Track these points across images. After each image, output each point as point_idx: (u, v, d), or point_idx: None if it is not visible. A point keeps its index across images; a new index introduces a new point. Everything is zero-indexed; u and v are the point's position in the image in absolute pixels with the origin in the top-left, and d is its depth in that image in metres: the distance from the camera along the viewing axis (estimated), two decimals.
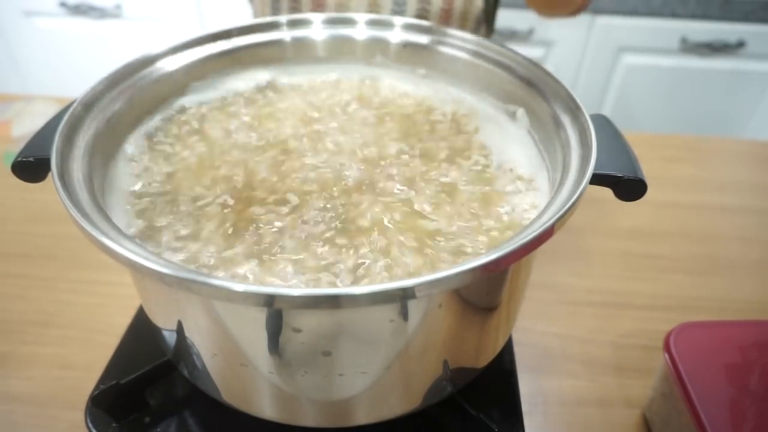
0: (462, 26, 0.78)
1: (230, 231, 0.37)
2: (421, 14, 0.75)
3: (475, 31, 0.80)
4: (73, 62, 1.55)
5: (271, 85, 0.52)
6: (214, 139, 0.46)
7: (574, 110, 0.40)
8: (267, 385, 0.36)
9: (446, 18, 0.76)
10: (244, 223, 0.37)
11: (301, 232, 0.36)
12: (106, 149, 0.40)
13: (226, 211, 0.38)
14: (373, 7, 0.75)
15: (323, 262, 0.34)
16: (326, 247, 0.35)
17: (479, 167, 0.43)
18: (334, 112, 0.49)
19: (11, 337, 0.54)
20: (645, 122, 1.55)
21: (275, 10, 0.78)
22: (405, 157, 0.44)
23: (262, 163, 0.43)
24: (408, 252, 0.35)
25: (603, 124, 0.41)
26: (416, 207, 0.39)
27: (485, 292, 0.36)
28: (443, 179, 0.42)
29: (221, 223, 0.37)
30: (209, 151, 0.44)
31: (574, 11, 0.73)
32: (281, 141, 0.45)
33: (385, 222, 0.37)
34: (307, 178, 0.41)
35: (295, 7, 0.77)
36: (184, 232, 0.37)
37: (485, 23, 0.83)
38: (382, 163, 0.43)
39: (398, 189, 0.41)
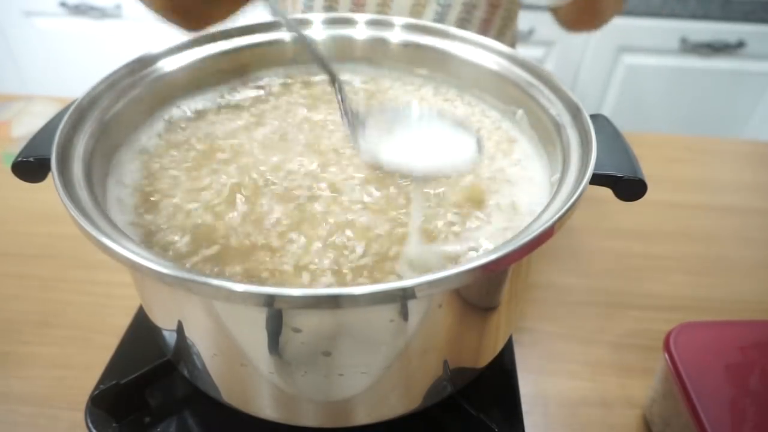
0: (503, 29, 0.78)
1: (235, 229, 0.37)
2: (468, 9, 0.74)
3: (509, 32, 0.80)
4: (73, 62, 1.55)
5: (270, 86, 0.52)
6: (215, 139, 0.45)
7: (574, 110, 0.40)
8: (267, 385, 0.36)
9: (492, 12, 0.75)
10: (255, 217, 0.37)
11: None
12: (106, 149, 0.40)
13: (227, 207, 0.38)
14: (416, 7, 0.74)
15: None
16: None
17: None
18: (334, 113, 0.49)
19: (11, 336, 0.54)
20: (645, 122, 1.55)
21: (309, 9, 0.78)
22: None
23: (267, 163, 0.43)
24: None
25: (603, 124, 0.41)
26: None
27: (485, 292, 0.36)
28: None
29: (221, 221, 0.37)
30: (209, 151, 0.44)
31: (600, 24, 0.74)
32: (282, 140, 0.45)
33: None
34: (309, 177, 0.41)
35: (331, 6, 0.77)
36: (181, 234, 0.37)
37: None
38: None
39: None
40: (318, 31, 0.52)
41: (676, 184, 0.78)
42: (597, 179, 0.35)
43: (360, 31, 0.52)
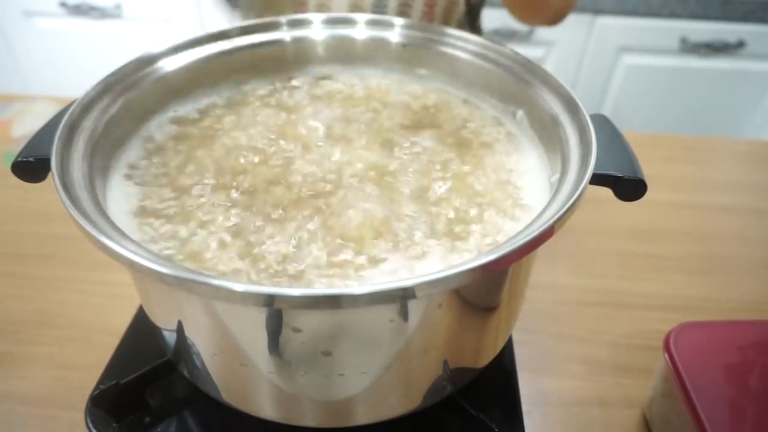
0: (447, 17, 0.78)
1: (231, 231, 0.37)
2: (402, 15, 0.75)
3: (454, 19, 0.80)
4: (73, 62, 1.55)
5: (271, 86, 0.52)
6: (215, 138, 0.45)
7: (573, 110, 0.40)
8: (267, 385, 0.36)
9: (427, 19, 0.76)
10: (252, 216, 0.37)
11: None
12: (106, 149, 0.40)
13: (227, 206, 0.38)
14: (353, 9, 0.75)
15: None
16: None
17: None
18: (336, 115, 0.49)
19: (11, 336, 0.54)
20: (645, 122, 1.55)
21: None
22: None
23: (268, 164, 0.43)
24: None
25: (603, 124, 0.41)
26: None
27: (485, 292, 0.36)
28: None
29: (221, 222, 0.37)
30: (210, 152, 0.44)
31: (553, 20, 0.73)
32: (283, 140, 0.45)
33: None
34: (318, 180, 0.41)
35: None
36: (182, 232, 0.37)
37: (468, 24, 0.83)
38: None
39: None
40: (318, 31, 0.52)
41: (675, 184, 0.78)
42: (597, 179, 0.35)
43: (360, 31, 0.52)
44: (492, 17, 1.05)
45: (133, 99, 0.44)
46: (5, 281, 0.60)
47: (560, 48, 1.44)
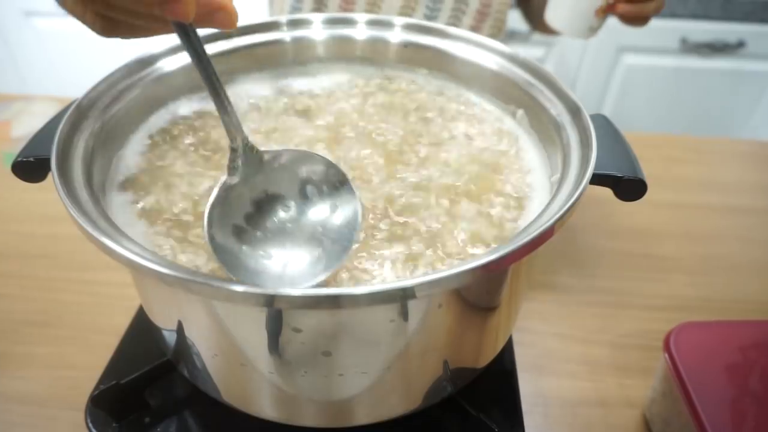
0: (495, 28, 0.79)
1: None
2: (456, 14, 0.75)
3: (502, 32, 0.81)
4: (73, 62, 1.55)
5: (271, 86, 0.52)
6: (215, 138, 0.46)
7: (574, 110, 0.40)
8: (267, 385, 0.36)
9: (481, 19, 0.76)
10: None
11: None
12: (106, 149, 0.40)
13: None
14: (405, 9, 0.75)
15: None
16: None
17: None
18: (336, 114, 0.49)
19: (11, 337, 0.54)
20: (645, 122, 1.55)
21: (297, 11, 0.78)
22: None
23: None
24: None
25: (603, 124, 0.41)
26: None
27: (485, 292, 0.36)
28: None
29: None
30: (209, 152, 0.44)
31: None
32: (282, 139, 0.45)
33: None
34: None
35: (320, 9, 0.77)
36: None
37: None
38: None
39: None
40: (318, 31, 0.52)
41: (676, 184, 0.78)
42: (597, 179, 0.35)
43: (360, 31, 0.52)
44: None
45: (132, 99, 0.44)
46: (5, 281, 0.60)
47: (560, 48, 1.44)
